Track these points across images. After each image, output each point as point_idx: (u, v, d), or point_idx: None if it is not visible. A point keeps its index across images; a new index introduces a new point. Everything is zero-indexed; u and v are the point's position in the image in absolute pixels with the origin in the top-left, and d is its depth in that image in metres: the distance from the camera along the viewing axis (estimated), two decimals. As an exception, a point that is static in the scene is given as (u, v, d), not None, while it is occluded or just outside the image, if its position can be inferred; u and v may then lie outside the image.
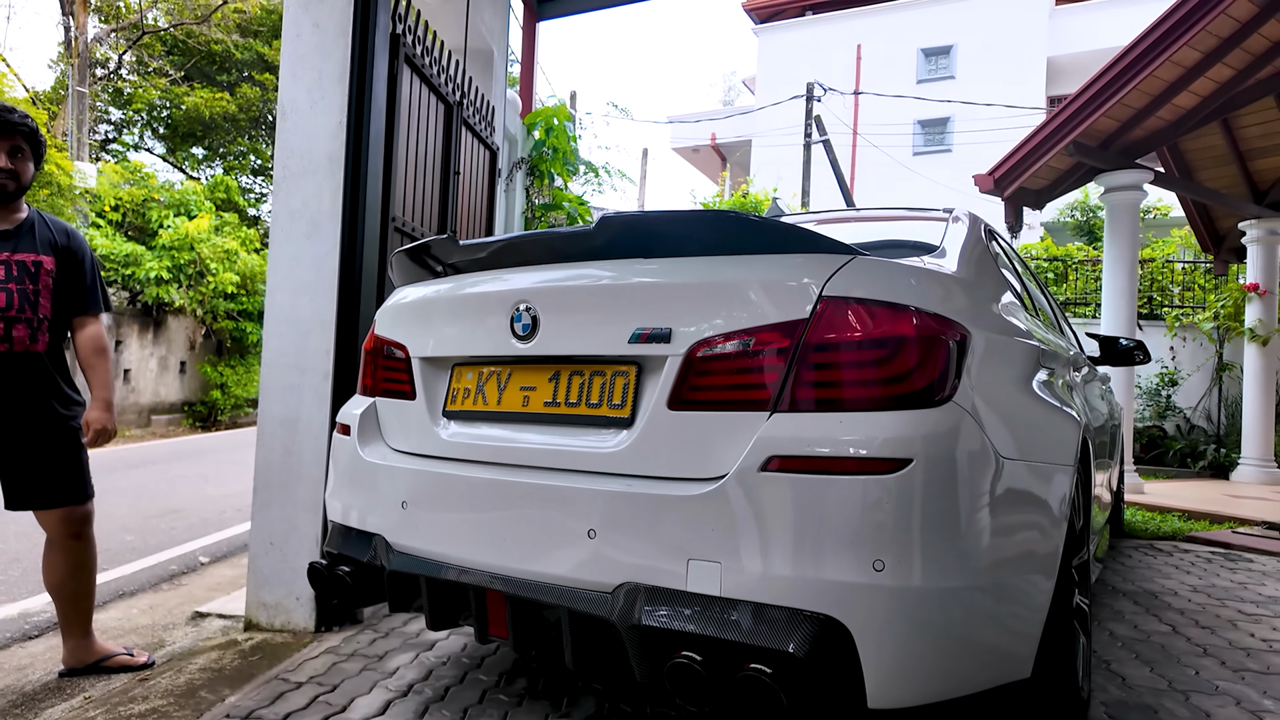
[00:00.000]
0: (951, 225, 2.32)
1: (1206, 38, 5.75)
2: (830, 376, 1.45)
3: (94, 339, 2.62)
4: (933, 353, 1.46)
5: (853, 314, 1.46)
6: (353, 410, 2.15)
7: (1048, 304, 3.26)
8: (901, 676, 1.40)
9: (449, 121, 3.91)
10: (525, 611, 1.66)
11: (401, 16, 3.26)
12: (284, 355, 2.92)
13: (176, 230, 11.48)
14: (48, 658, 2.83)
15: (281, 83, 2.99)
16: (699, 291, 1.57)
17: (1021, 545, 1.60)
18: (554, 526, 1.60)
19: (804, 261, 1.53)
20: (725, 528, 1.42)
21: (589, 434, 1.66)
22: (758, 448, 1.43)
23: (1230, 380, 8.96)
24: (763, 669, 1.33)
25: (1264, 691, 2.31)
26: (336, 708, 2.18)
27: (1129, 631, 2.86)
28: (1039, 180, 6.96)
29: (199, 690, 2.36)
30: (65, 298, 2.57)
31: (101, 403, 2.59)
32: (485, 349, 1.84)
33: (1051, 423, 1.86)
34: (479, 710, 2.15)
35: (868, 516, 1.36)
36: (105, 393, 2.61)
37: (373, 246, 3.00)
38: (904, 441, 1.38)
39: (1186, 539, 4.75)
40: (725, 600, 1.41)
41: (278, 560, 2.89)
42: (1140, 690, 2.31)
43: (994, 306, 1.85)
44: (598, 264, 1.72)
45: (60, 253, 2.56)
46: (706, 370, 1.53)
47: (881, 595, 1.35)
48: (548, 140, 5.84)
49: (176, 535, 4.73)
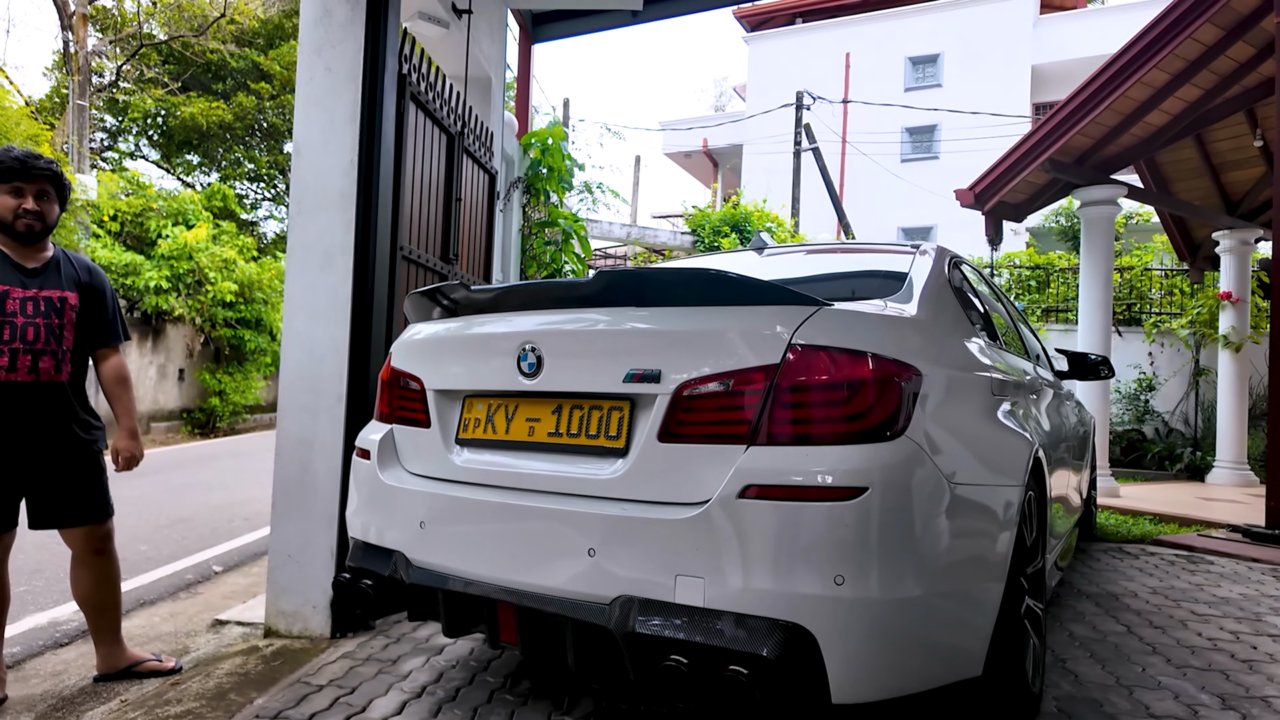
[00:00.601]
0: (918, 260, 2.54)
1: (1174, 60, 6.01)
2: (799, 414, 1.67)
3: (116, 369, 2.80)
4: (887, 392, 1.68)
5: (818, 359, 1.68)
6: (371, 436, 2.35)
7: (1015, 325, 3.48)
8: (861, 676, 1.61)
9: (451, 151, 4.12)
10: (532, 620, 1.86)
11: (407, 57, 3.46)
12: (300, 378, 3.12)
13: (175, 240, 11.64)
14: (80, 664, 3.02)
15: (296, 123, 3.19)
16: (685, 338, 1.78)
17: (970, 558, 1.82)
18: (558, 545, 1.81)
19: (776, 312, 1.75)
20: (708, 547, 1.63)
21: (588, 462, 1.87)
22: (737, 477, 1.65)
23: (1206, 385, 9.24)
24: (741, 670, 1.55)
25: (1202, 686, 2.54)
26: (357, 708, 2.38)
27: (1087, 632, 3.08)
28: (1018, 195, 7.21)
29: (228, 693, 2.56)
30: (88, 330, 2.74)
31: (127, 431, 2.77)
32: (495, 383, 2.05)
33: (1000, 446, 2.08)
34: (488, 709, 2.35)
35: (830, 537, 1.58)
36: (130, 420, 2.78)
37: (383, 276, 3.20)
38: (861, 472, 1.60)
39: (1154, 542, 4.99)
40: (708, 611, 1.62)
41: (295, 571, 3.09)
42: (1090, 686, 2.53)
43: (949, 344, 2.07)
44: (595, 310, 1.94)
45: (83, 288, 2.73)
46: (692, 407, 1.74)
47: (842, 606, 1.56)
48: (543, 159, 6.05)
49: (188, 545, 4.92)
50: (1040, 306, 10.27)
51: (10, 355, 2.53)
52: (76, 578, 2.78)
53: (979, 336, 2.42)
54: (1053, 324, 10.00)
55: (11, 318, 2.54)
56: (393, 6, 3.23)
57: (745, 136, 20.97)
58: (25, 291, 2.59)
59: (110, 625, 2.83)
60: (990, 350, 2.44)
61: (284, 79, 17.02)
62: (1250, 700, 2.44)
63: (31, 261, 2.65)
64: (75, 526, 2.71)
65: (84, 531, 2.73)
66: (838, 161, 19.19)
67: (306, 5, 3.19)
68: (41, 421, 2.61)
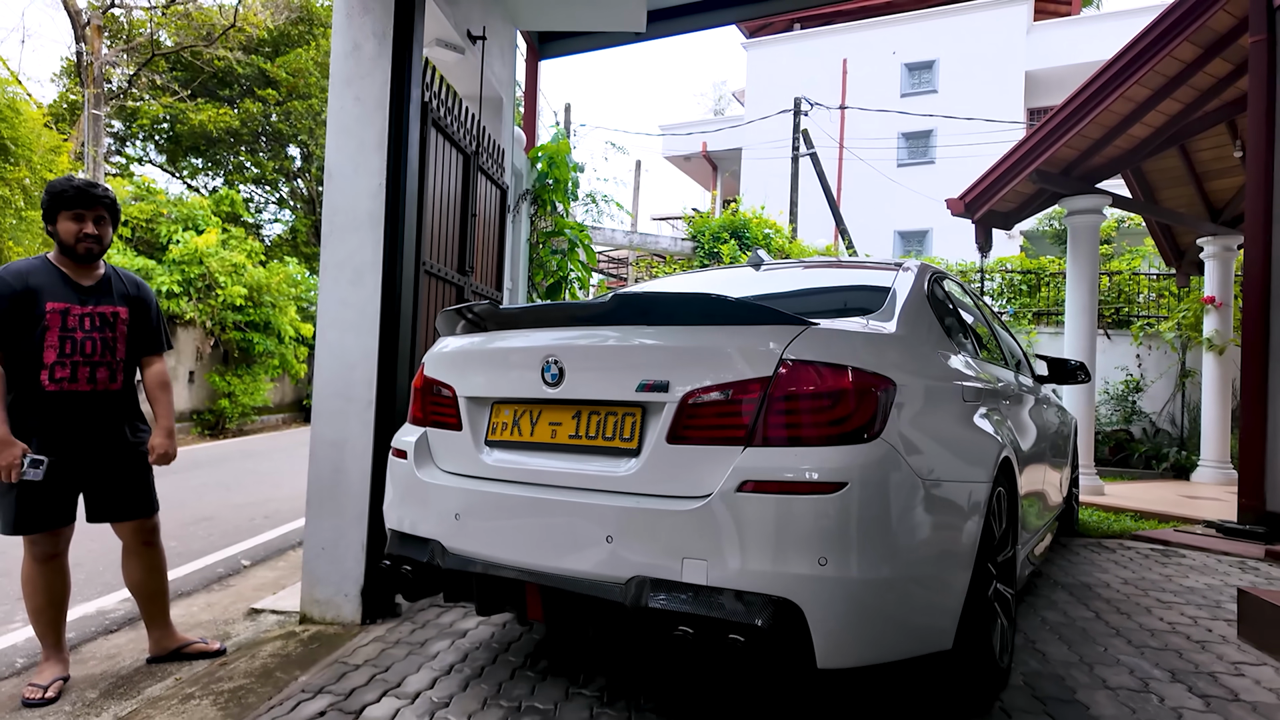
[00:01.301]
0: (900, 277, 2.81)
1: (1155, 77, 6.27)
2: (790, 420, 1.93)
3: (159, 375, 3.06)
4: (865, 401, 1.94)
5: (806, 372, 1.94)
6: (407, 438, 2.62)
7: (995, 335, 3.75)
8: (842, 644, 1.87)
9: (467, 170, 4.38)
10: (556, 599, 2.13)
11: (429, 85, 3.73)
12: (332, 385, 3.38)
13: (186, 245, 11.90)
14: (131, 648, 3.28)
15: (328, 149, 3.45)
16: (690, 353, 2.04)
17: (939, 545, 2.08)
18: (579, 533, 2.07)
19: (770, 331, 2.01)
20: (711, 534, 1.89)
21: (605, 461, 2.13)
22: (735, 474, 1.91)
23: (1192, 386, 9.50)
24: (738, 638, 1.81)
25: (1155, 664, 2.80)
26: (392, 684, 2.64)
27: (1058, 617, 3.35)
28: (1007, 204, 7.48)
29: (274, 671, 2.82)
30: (136, 340, 2.99)
31: (164, 430, 2.99)
32: (521, 391, 2.31)
33: (969, 447, 2.35)
34: (511, 684, 2.61)
35: (815, 525, 1.84)
36: (168, 421, 3.02)
37: (408, 290, 3.46)
38: (842, 469, 1.86)
39: (1132, 537, 5.26)
40: (711, 588, 1.88)
41: (328, 563, 3.35)
42: (1056, 664, 2.79)
43: (924, 356, 2.34)
44: (611, 328, 2.20)
45: (132, 302, 2.98)
46: (696, 414, 2.00)
47: (825, 584, 1.82)
48: (550, 172, 6.31)
49: (214, 541, 5.18)
50: (1031, 310, 10.55)
51: (72, 367, 2.78)
52: (128, 568, 3.05)
53: (953, 348, 2.68)
54: (1043, 327, 10.27)
55: (72, 333, 2.79)
56: (416, 40, 3.49)
57: (744, 141, 21.25)
58: (83, 308, 2.83)
59: (160, 611, 3.10)
60: (964, 360, 2.71)
61: (290, 85, 17.31)
62: (1197, 675, 2.70)
63: (87, 280, 2.90)
64: (127, 520, 2.97)
65: (135, 525, 2.99)
66: (835, 166, 19.47)
67: (337, 40, 3.46)
68: (98, 426, 2.86)
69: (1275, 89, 5.29)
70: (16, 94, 8.30)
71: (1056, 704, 2.44)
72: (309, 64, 17.35)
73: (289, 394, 15.72)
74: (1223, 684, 2.63)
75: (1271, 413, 5.10)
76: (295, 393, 15.90)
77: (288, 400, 15.69)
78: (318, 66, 17.37)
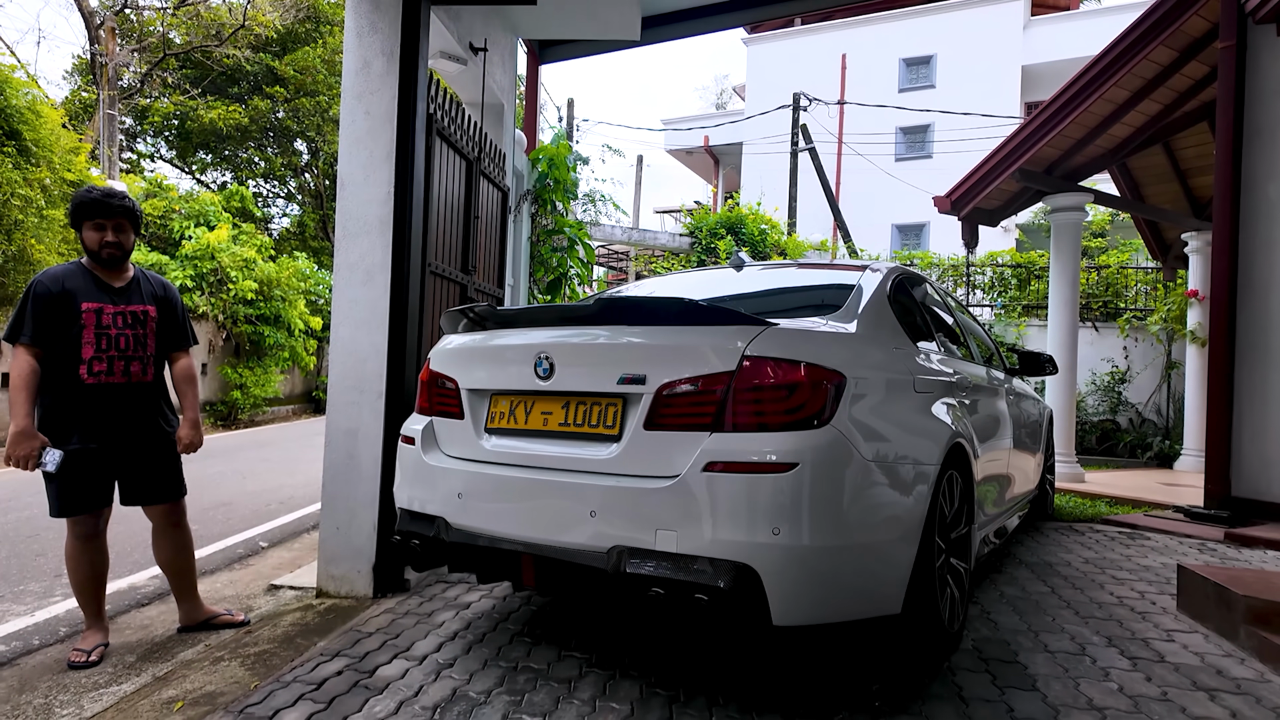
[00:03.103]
0: (865, 277, 3.08)
1: (1133, 79, 6.50)
2: (750, 409, 2.20)
3: (186, 369, 3.32)
4: (817, 392, 2.21)
5: (764, 367, 2.21)
6: (414, 426, 2.90)
7: (963, 330, 4.00)
8: (794, 605, 2.15)
9: (470, 175, 4.65)
10: (547, 567, 2.41)
11: (434, 97, 3.99)
12: (346, 378, 3.66)
13: (198, 240, 12.21)
14: (162, 619, 3.57)
15: (340, 160, 3.72)
16: (665, 350, 2.32)
17: (884, 519, 2.35)
18: (566, 509, 2.35)
19: (734, 331, 2.28)
20: (680, 508, 2.17)
21: (590, 446, 2.41)
22: (702, 456, 2.18)
23: (1178, 377, 9.74)
24: (703, 597, 2.09)
25: (1096, 631, 3.07)
26: (402, 648, 2.93)
27: (1016, 592, 3.62)
28: (992, 201, 7.71)
29: (294, 638, 3.11)
30: (164, 337, 3.24)
31: (190, 421, 3.24)
32: (516, 384, 2.59)
33: (917, 434, 2.61)
34: (509, 648, 2.90)
35: (771, 500, 2.11)
36: (194, 413, 3.25)
37: (415, 289, 3.73)
38: (795, 451, 2.13)
39: (1103, 521, 5.52)
40: (680, 555, 2.16)
41: (343, 541, 3.64)
42: (1005, 631, 3.07)
43: (876, 352, 2.60)
44: (595, 327, 2.48)
45: (160, 302, 3.23)
46: (669, 404, 2.28)
47: (778, 551, 2.10)
48: (550, 173, 6.57)
49: (233, 525, 5.49)
50: (1021, 304, 10.78)
51: (108, 361, 3.03)
52: (158, 547, 3.31)
53: (912, 344, 2.94)
54: (1033, 320, 10.51)
55: (107, 330, 3.03)
56: (421, 56, 3.75)
57: (744, 136, 21.46)
58: (116, 307, 3.07)
59: (189, 586, 3.38)
60: (923, 355, 2.97)
61: (298, 83, 17.58)
62: (1132, 641, 2.98)
63: (118, 281, 3.14)
64: (158, 504, 3.23)
65: (165, 508, 3.25)
66: (834, 161, 19.68)
67: (348, 58, 3.73)
68: (133, 416, 3.11)
69: (1244, 94, 5.53)
70: (36, 96, 8.58)
71: (998, 664, 2.72)
72: (316, 61, 17.62)
73: (298, 385, 16.05)
74: (1153, 648, 2.91)
75: (1236, 402, 5.35)
76: (305, 384, 16.23)
77: (297, 391, 16.02)
78: (325, 64, 17.64)
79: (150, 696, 2.58)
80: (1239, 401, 5.35)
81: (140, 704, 2.53)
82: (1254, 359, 5.33)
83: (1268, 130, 5.41)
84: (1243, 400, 5.35)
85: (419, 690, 2.51)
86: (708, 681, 2.54)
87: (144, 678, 2.85)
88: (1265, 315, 5.31)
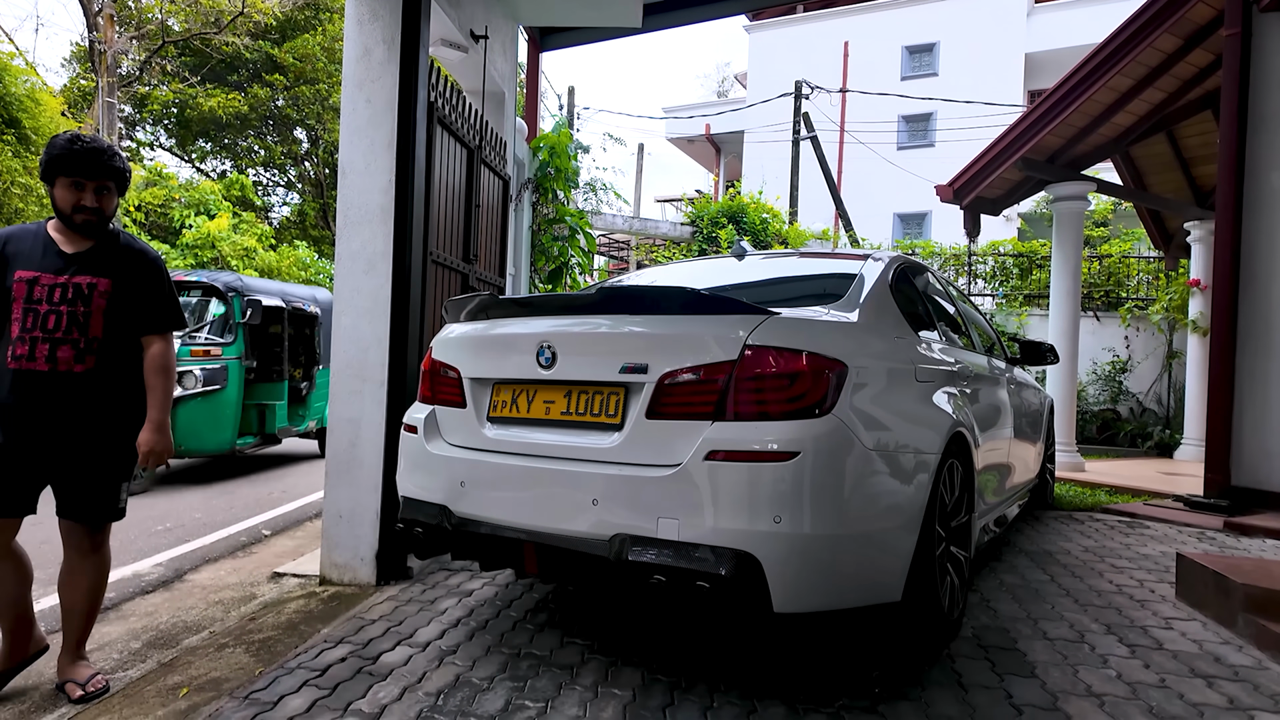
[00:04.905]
0: (867, 267, 3.08)
1: (1137, 67, 6.48)
2: (752, 397, 2.21)
3: (155, 358, 2.63)
4: (818, 381, 2.22)
5: (766, 356, 2.22)
6: (417, 415, 2.91)
7: (965, 319, 4.01)
8: (795, 592, 2.16)
9: (471, 163, 4.64)
10: (550, 555, 2.42)
11: (434, 85, 3.98)
12: (348, 367, 3.67)
13: (199, 229, 12.20)
14: (168, 606, 3.60)
15: (341, 148, 3.72)
16: (667, 339, 2.32)
17: (885, 508, 2.36)
18: (569, 498, 2.36)
19: (736, 320, 2.28)
20: (682, 497, 2.18)
21: (592, 435, 2.42)
22: (704, 445, 2.19)
23: (1179, 367, 9.74)
24: (704, 584, 2.11)
25: (1095, 619, 3.09)
26: (405, 635, 2.95)
27: (1016, 580, 3.64)
28: (994, 190, 7.70)
29: (298, 625, 3.13)
30: (129, 317, 2.59)
31: (153, 423, 2.60)
32: (518, 373, 2.60)
33: (918, 423, 2.61)
34: (512, 634, 2.91)
35: (772, 488, 2.12)
36: (159, 413, 2.61)
37: (417, 278, 3.73)
38: (796, 440, 2.14)
39: (1103, 510, 5.54)
40: (682, 543, 2.17)
41: (346, 529, 3.65)
42: (1005, 619, 3.09)
43: (878, 342, 2.60)
44: (597, 316, 2.48)
45: (124, 273, 2.57)
46: (671, 393, 2.28)
47: (779, 539, 2.11)
48: (551, 161, 6.56)
49: (236, 513, 5.51)
50: (1022, 293, 10.77)
51: (30, 344, 2.43)
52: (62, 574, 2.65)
53: (914, 333, 2.95)
54: (1034, 309, 10.50)
55: (36, 305, 2.45)
56: (422, 44, 3.74)
57: (746, 124, 21.38)
58: (56, 278, 2.47)
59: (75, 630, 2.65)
60: (924, 344, 2.97)
61: (297, 71, 17.50)
62: (1131, 628, 2.99)
63: (73, 246, 2.53)
64: (71, 521, 2.58)
65: (78, 528, 2.60)
66: (836, 150, 19.61)
67: (348, 46, 3.71)
68: (58, 414, 2.48)
69: (1248, 82, 5.50)
70: (35, 84, 8.55)
71: (998, 651, 2.73)
72: (316, 49, 17.54)
73: (299, 375, 16.05)
74: (1152, 636, 2.92)
75: (1237, 392, 5.36)
76: (305, 374, 16.23)
77: (298, 381, 16.02)
78: (325, 51, 17.56)
79: (156, 683, 2.60)
80: (1240, 391, 5.36)
81: (146, 690, 2.55)
82: (1255, 348, 5.33)
83: (1272, 119, 5.39)
84: (1243, 390, 5.35)
85: (422, 676, 2.53)
86: (709, 668, 2.56)
87: (149, 664, 2.87)
88: (1267, 305, 5.30)
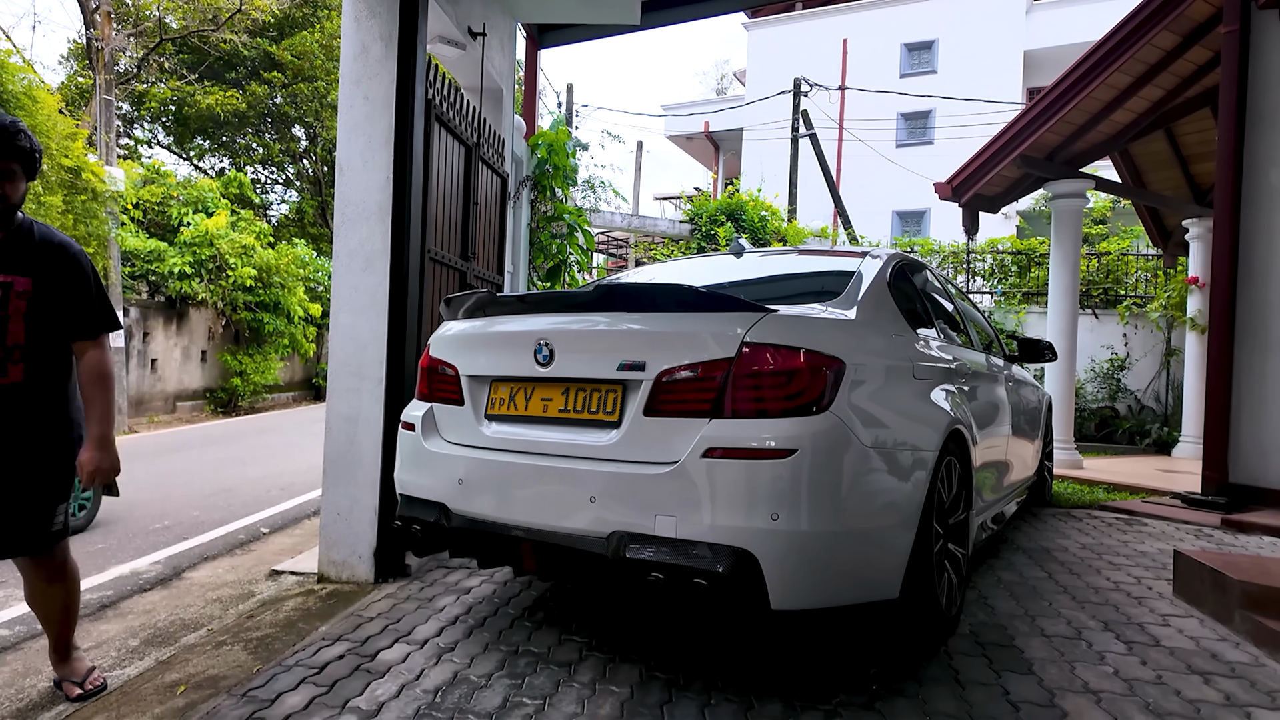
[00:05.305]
0: (865, 264, 3.08)
1: (1136, 64, 6.47)
2: (749, 395, 2.21)
3: (92, 367, 2.36)
4: (815, 379, 2.22)
5: (764, 354, 2.22)
6: (414, 412, 2.91)
7: (963, 317, 4.00)
8: (792, 589, 2.16)
9: (469, 160, 4.63)
10: (548, 553, 2.42)
11: (432, 82, 3.97)
12: (346, 365, 3.66)
13: (197, 227, 12.18)
14: (165, 604, 3.60)
15: (339, 145, 3.71)
16: (665, 337, 2.32)
17: (883, 505, 2.36)
18: (566, 495, 2.36)
19: (733, 317, 2.28)
20: (679, 494, 2.18)
21: (590, 432, 2.42)
22: (701, 442, 2.19)
23: (1177, 364, 9.74)
24: (702, 582, 2.11)
25: (1092, 616, 3.09)
26: (403, 632, 2.95)
27: (1013, 577, 3.64)
28: (993, 188, 7.69)
29: (296, 623, 3.13)
30: (55, 321, 2.33)
31: (96, 440, 2.34)
32: (516, 370, 2.59)
33: (916, 420, 2.61)
34: (510, 632, 2.92)
35: (770, 486, 2.12)
36: (102, 428, 2.35)
37: (415, 275, 3.73)
38: (793, 438, 2.14)
39: (1100, 507, 5.54)
40: (680, 540, 2.17)
41: (344, 527, 3.65)
42: (1002, 616, 3.09)
43: (875, 339, 2.60)
44: (595, 314, 2.48)
45: (44, 271, 2.29)
46: (669, 390, 2.28)
47: (777, 536, 2.11)
48: (549, 159, 6.55)
49: (234, 511, 5.51)
50: (1021, 290, 10.77)
51: None
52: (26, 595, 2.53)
53: (912, 330, 2.94)
54: (1033, 307, 10.50)
55: None
56: (420, 41, 3.73)
57: (745, 122, 21.37)
58: None
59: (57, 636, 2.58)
60: (922, 341, 2.97)
61: (295, 68, 17.48)
62: (1128, 625, 3.00)
63: None
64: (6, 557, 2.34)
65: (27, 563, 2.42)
66: (835, 148, 19.60)
67: (346, 43, 3.70)
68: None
69: (1247, 79, 5.50)
70: (32, 81, 8.53)
71: (995, 648, 2.74)
72: (314, 47, 17.51)
73: (298, 372, 16.06)
74: (1149, 633, 2.93)
75: (1235, 389, 5.36)
76: (304, 371, 16.24)
77: (297, 379, 16.03)
78: (322, 49, 17.53)
79: (154, 680, 2.60)
80: (1238, 388, 5.36)
81: (144, 687, 2.55)
82: (1253, 346, 5.34)
83: (1270, 116, 5.39)
84: (1241, 387, 5.36)
85: (420, 673, 2.53)
86: (707, 665, 2.56)
87: (147, 661, 2.87)
88: (1265, 303, 5.31)
